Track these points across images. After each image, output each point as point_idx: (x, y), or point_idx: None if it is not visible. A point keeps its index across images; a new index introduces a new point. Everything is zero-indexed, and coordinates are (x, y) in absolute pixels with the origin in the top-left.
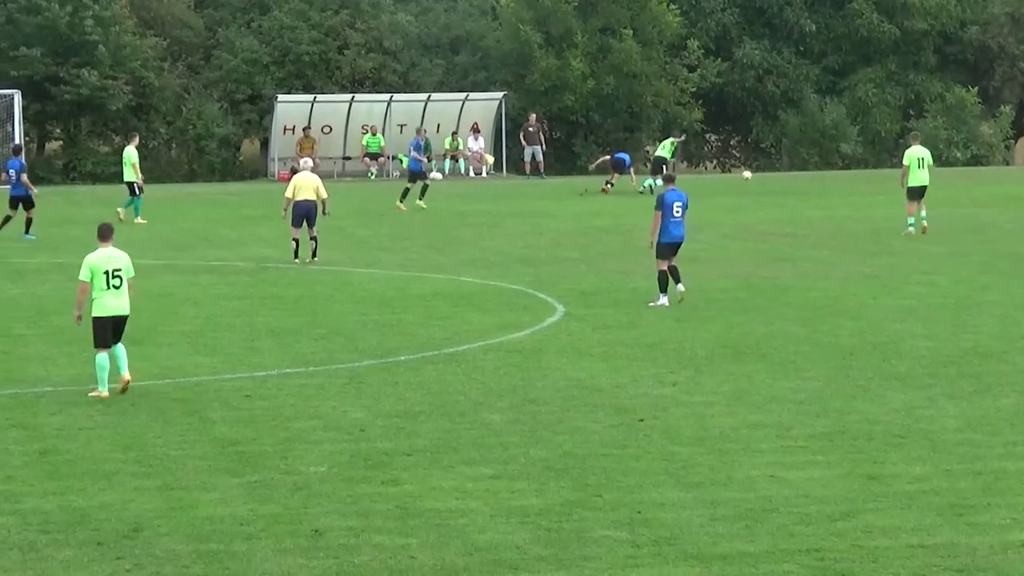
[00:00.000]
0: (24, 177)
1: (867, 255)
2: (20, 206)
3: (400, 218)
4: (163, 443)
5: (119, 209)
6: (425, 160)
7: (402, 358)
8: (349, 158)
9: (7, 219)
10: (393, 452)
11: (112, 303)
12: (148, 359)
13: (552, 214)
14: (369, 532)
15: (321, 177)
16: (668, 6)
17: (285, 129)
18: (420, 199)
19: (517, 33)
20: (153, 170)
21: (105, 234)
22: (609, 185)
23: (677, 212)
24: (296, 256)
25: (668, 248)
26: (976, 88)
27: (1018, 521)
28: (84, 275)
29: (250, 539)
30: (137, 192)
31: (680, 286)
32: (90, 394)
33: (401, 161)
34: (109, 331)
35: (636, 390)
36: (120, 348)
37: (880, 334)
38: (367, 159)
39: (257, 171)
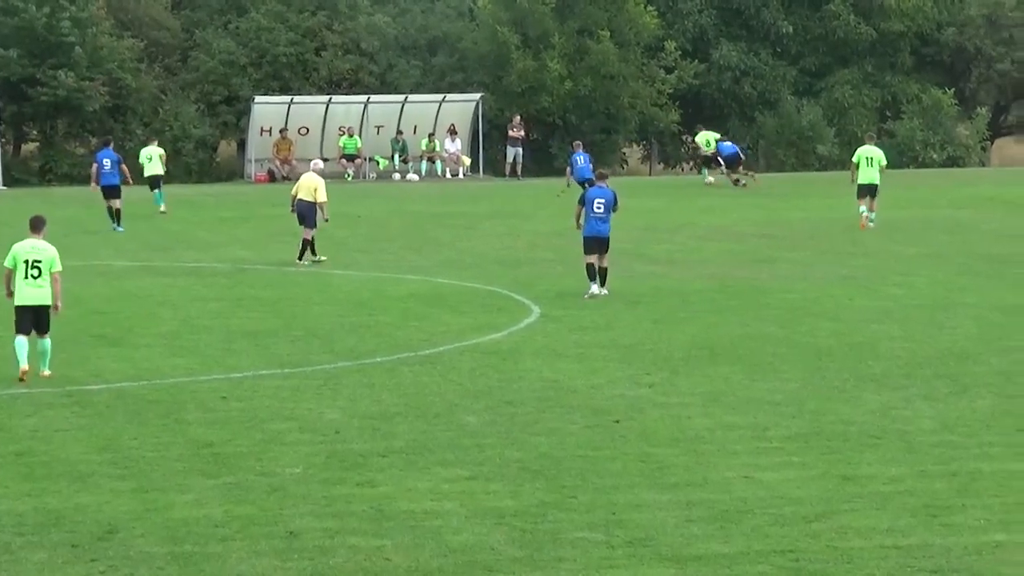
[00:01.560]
0: (123, 166)
1: (844, 256)
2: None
3: (377, 220)
4: (138, 445)
5: (161, 207)
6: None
7: (378, 360)
8: (326, 159)
9: (118, 211)
10: (368, 453)
11: (31, 293)
12: (125, 360)
13: (529, 215)
14: (344, 533)
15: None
16: (645, 8)
17: (262, 130)
18: None
19: (494, 34)
20: (130, 171)
21: (35, 226)
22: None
23: (599, 208)
24: (313, 254)
25: (589, 241)
26: (952, 89)
27: (992, 522)
28: (8, 262)
29: (225, 541)
30: (160, 185)
31: (602, 288)
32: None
33: (378, 163)
34: (28, 319)
35: (612, 391)
36: (46, 343)
37: (857, 335)
38: (344, 161)
39: (234, 172)
